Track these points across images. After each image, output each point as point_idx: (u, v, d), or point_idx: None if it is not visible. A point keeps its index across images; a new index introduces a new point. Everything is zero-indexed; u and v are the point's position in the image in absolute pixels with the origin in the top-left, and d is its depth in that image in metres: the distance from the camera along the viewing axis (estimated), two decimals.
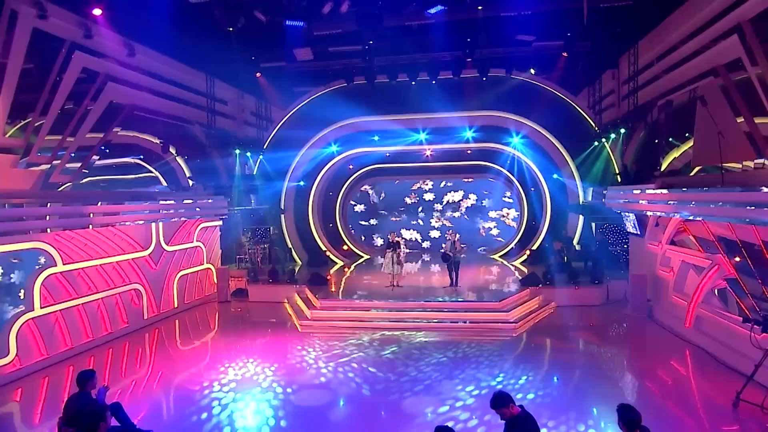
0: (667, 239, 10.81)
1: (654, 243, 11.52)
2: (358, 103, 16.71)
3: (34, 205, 9.57)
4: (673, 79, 12.75)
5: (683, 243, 10.36)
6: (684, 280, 10.31)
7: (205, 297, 14.51)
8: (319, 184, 18.96)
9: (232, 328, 12.27)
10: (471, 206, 21.72)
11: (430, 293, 12.87)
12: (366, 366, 8.92)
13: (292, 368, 8.92)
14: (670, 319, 10.66)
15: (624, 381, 8.49)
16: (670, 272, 10.76)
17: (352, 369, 8.81)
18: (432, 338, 10.54)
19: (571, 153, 16.70)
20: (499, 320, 11.26)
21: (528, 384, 7.96)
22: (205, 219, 14.50)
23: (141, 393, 8.04)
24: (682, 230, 10.22)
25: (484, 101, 16.44)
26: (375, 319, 11.59)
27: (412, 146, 17.81)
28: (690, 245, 9.99)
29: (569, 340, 10.42)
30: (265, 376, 8.59)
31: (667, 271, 10.86)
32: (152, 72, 13.28)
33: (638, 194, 10.90)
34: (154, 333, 11.59)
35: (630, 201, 11.42)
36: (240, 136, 17.98)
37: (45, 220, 9.59)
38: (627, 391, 7.95)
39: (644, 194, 10.60)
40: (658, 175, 11.98)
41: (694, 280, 9.71)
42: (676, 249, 10.54)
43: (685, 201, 8.89)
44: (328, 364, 9.05)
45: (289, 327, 11.79)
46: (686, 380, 8.33)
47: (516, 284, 13.69)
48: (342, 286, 14.70)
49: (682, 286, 10.37)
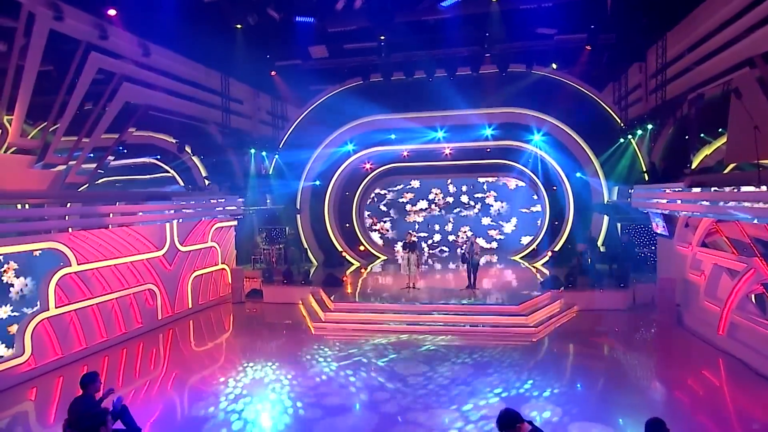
0: (697, 241, 10.44)
1: (683, 245, 11.15)
2: (375, 100, 16.61)
3: (52, 205, 9.73)
4: (705, 72, 12.25)
5: (715, 245, 9.99)
6: (716, 284, 9.95)
7: (219, 298, 14.58)
8: (335, 184, 18.90)
9: (246, 330, 12.31)
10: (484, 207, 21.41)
11: (447, 295, 12.70)
12: (378, 371, 8.79)
13: (302, 372, 8.86)
14: (701, 325, 10.29)
15: (652, 392, 8.14)
16: (701, 276, 10.38)
17: (364, 374, 8.69)
18: (447, 342, 10.37)
19: (595, 150, 16.27)
20: (517, 324, 11.04)
21: (548, 394, 7.68)
22: (219, 219, 14.56)
23: (155, 394, 8.09)
24: (713, 231, 9.86)
25: (503, 97, 16.14)
26: (390, 321, 11.49)
27: (430, 144, 17.58)
28: (723, 247, 9.61)
29: (592, 347, 10.14)
30: (275, 379, 8.54)
31: (698, 275, 10.49)
32: (167, 72, 13.41)
33: (666, 193, 10.54)
34: (168, 333, 11.69)
35: (657, 200, 11.06)
36: (255, 136, 18.06)
37: (62, 220, 9.74)
38: (655, 402, 7.63)
39: (673, 193, 10.23)
40: (688, 173, 11.57)
41: (728, 285, 9.34)
42: (708, 251, 10.16)
43: (717, 200, 8.52)
44: (339, 369, 8.96)
45: (302, 329, 11.78)
46: (719, 392, 7.97)
47: (536, 287, 13.40)
48: (357, 287, 14.60)
49: (714, 291, 10.01)
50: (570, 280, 13.04)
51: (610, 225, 16.26)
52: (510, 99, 16.09)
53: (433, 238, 22.07)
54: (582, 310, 12.43)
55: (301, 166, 18.00)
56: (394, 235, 22.18)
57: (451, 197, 21.83)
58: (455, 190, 21.78)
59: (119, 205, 10.93)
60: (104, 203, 10.63)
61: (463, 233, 21.40)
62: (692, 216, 10.14)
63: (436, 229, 22.00)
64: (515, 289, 13.60)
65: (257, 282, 15.18)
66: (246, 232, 17.22)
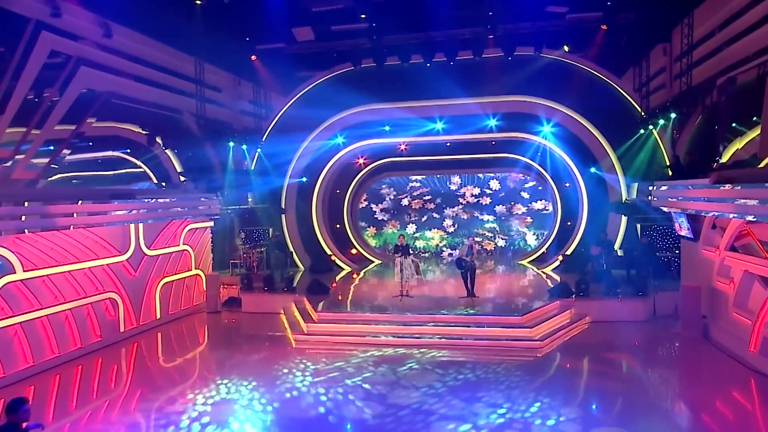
0: (726, 245, 10.09)
1: (710, 249, 10.83)
2: (367, 88, 16.27)
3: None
4: (737, 53, 11.82)
5: (746, 249, 9.64)
6: (747, 293, 9.58)
7: (193, 307, 14.28)
8: (324, 181, 18.62)
9: (219, 343, 12.07)
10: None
11: (442, 305, 12.43)
12: (361, 390, 8.49)
13: (276, 391, 8.59)
14: (730, 340, 9.94)
15: (675, 416, 7.76)
16: (729, 284, 10.04)
17: (345, 393, 8.38)
18: (441, 358, 10.08)
19: (611, 143, 15.84)
20: (520, 337, 10.73)
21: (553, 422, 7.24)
22: (193, 219, 14.19)
23: (116, 415, 7.81)
24: (744, 234, 9.53)
25: (509, 84, 15.77)
26: (378, 333, 11.28)
27: (428, 137, 17.26)
28: (755, 252, 9.26)
29: (605, 363, 9.83)
30: (243, 402, 8.20)
31: (727, 283, 10.15)
32: (132, 55, 13.01)
33: (690, 191, 10.20)
34: (133, 348, 11.40)
35: (680, 199, 10.72)
36: (236, 127, 17.72)
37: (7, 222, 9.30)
38: (680, 429, 7.28)
39: (697, 190, 9.88)
40: (716, 168, 11.15)
41: (761, 295, 8.97)
42: (738, 256, 9.81)
43: (748, 199, 8.13)
44: (318, 387, 8.66)
45: (282, 342, 11.55)
46: (751, 416, 7.57)
47: (543, 295, 13.09)
48: (345, 295, 14.36)
49: (744, 302, 9.65)
50: (581, 288, 12.67)
51: (628, 226, 15.86)
52: (516, 86, 15.73)
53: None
54: (594, 322, 12.14)
55: (287, 161, 17.66)
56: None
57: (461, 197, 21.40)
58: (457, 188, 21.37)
59: (73, 204, 10.46)
60: (57, 202, 10.15)
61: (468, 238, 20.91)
62: (720, 216, 9.79)
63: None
64: (520, 297, 13.32)
65: (236, 289, 14.88)
66: (224, 234, 16.94)
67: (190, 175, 16.21)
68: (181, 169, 16.65)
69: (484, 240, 20.82)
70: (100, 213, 11.02)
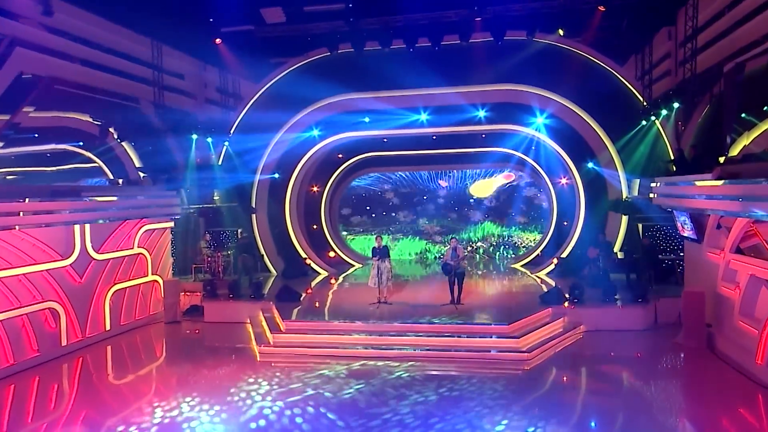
0: (731, 246, 9.90)
1: (714, 251, 10.65)
2: (345, 76, 16.04)
3: None
4: (746, 36, 11.52)
5: (753, 251, 9.47)
6: (754, 300, 9.38)
7: (149, 316, 13.88)
8: (298, 177, 18.33)
9: (177, 357, 11.77)
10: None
11: (423, 312, 12.20)
12: (328, 408, 8.25)
13: (231, 409, 8.29)
14: (735, 351, 9.72)
15: None
16: (735, 289, 9.85)
17: (310, 412, 8.13)
18: (419, 371, 9.85)
19: (611, 135, 15.59)
20: (506, 348, 10.53)
21: None
22: (150, 220, 13.78)
23: None
24: (751, 234, 9.38)
25: (499, 72, 15.47)
26: (351, 345, 11.12)
27: (411, 129, 17.02)
28: (762, 254, 9.09)
29: (599, 378, 9.70)
30: (196, 420, 7.91)
31: (732, 288, 9.96)
32: (78, 36, 12.58)
33: (691, 187, 10.05)
34: (77, 363, 11.00)
35: (681, 196, 10.56)
36: (201, 118, 17.31)
37: None
38: None
39: (699, 187, 9.73)
40: (724, 163, 10.95)
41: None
42: (744, 259, 9.62)
43: (755, 196, 7.99)
44: (282, 406, 8.39)
45: (245, 355, 11.29)
46: None
47: (534, 302, 12.90)
48: (319, 302, 14.15)
49: (751, 309, 9.43)
50: (575, 294, 12.47)
51: (629, 226, 15.66)
52: (507, 74, 15.44)
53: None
54: (589, 331, 11.94)
55: (257, 156, 17.31)
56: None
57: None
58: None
59: (12, 203, 9.95)
60: None
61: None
62: (724, 215, 9.61)
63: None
64: (509, 304, 13.14)
65: (198, 297, 14.53)
66: (187, 235, 16.63)
67: (150, 170, 15.81)
68: (140, 164, 16.25)
69: (475, 242, 20.62)
70: (40, 212, 10.53)
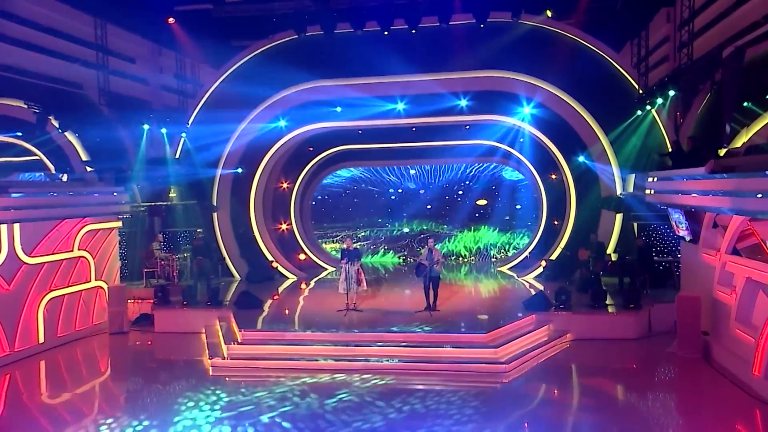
0: (727, 247, 9.80)
1: (710, 252, 10.56)
2: (314, 61, 16.00)
3: None
4: (748, 15, 11.42)
5: (750, 252, 9.37)
6: (751, 305, 9.27)
7: (92, 327, 13.53)
8: (264, 172, 18.11)
9: (119, 372, 11.50)
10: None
11: (393, 321, 12.09)
12: (278, 429, 8.02)
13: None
14: (732, 362, 9.62)
15: None
16: (731, 294, 9.73)
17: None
18: (384, 386, 9.67)
19: (603, 126, 15.60)
20: (482, 359, 10.39)
21: None
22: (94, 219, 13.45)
23: None
24: (748, 233, 9.29)
25: (482, 57, 15.40)
26: (313, 356, 10.94)
27: (387, 120, 16.89)
28: (759, 255, 8.98)
29: (584, 392, 9.57)
30: None
31: (728, 293, 9.85)
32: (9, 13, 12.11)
33: (684, 182, 9.97)
34: (4, 381, 10.61)
35: (673, 192, 10.54)
36: (156, 107, 17.02)
37: None
38: None
39: (691, 182, 9.64)
40: (724, 155, 10.93)
41: (766, 307, 8.66)
42: (740, 261, 9.53)
43: (750, 191, 7.85)
44: (225, 426, 8.14)
45: (196, 369, 11.00)
46: None
47: (518, 308, 12.84)
48: (285, 310, 14.13)
49: (748, 315, 9.33)
50: (561, 299, 12.36)
51: (623, 226, 15.68)
52: (491, 59, 15.40)
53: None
54: (577, 340, 11.86)
55: (218, 148, 17.06)
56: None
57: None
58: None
59: None
60: None
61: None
62: (719, 213, 9.54)
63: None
64: (489, 311, 13.05)
65: (150, 304, 14.17)
66: (138, 236, 16.37)
67: (97, 163, 15.46)
68: (88, 158, 15.91)
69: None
70: None
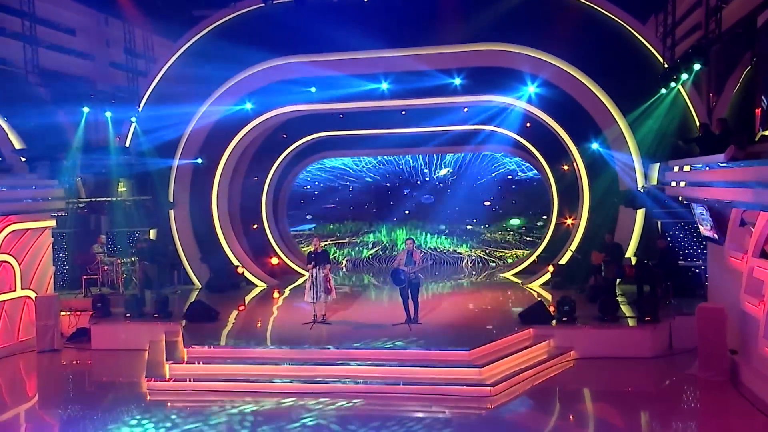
0: (754, 249, 9.46)
1: (737, 255, 10.25)
2: (284, 34, 15.87)
3: None
4: None
5: None
6: None
7: (17, 343, 13.42)
8: (229, 163, 18.01)
9: (43, 398, 11.36)
10: None
11: (368, 334, 12.09)
12: None
13: None
14: (761, 386, 9.29)
15: None
16: (759, 305, 9.37)
17: None
18: (349, 411, 9.65)
19: (621, 107, 15.28)
20: (465, 381, 10.23)
21: None
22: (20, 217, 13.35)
23: None
24: None
25: (478, 28, 15.14)
26: (269, 377, 10.86)
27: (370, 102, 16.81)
28: None
29: (585, 422, 9.38)
30: None
31: (756, 303, 9.48)
32: None
33: (703, 172, 9.81)
34: None
35: (694, 183, 10.38)
36: (101, 87, 16.93)
37: None
38: None
39: (710, 171, 9.45)
40: (759, 140, 10.76)
41: None
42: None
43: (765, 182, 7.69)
44: None
45: (133, 392, 10.94)
46: None
47: (513, 321, 12.77)
48: (241, 322, 14.10)
49: None
50: (564, 310, 12.19)
51: (645, 224, 15.42)
52: (489, 29, 15.13)
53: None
54: (582, 359, 11.67)
55: (175, 135, 16.96)
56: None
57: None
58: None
59: None
60: None
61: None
62: (736, 208, 9.38)
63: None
64: (480, 323, 12.98)
65: (89, 317, 14.07)
66: (77, 238, 16.23)
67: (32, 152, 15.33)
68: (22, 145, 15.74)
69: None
70: None
